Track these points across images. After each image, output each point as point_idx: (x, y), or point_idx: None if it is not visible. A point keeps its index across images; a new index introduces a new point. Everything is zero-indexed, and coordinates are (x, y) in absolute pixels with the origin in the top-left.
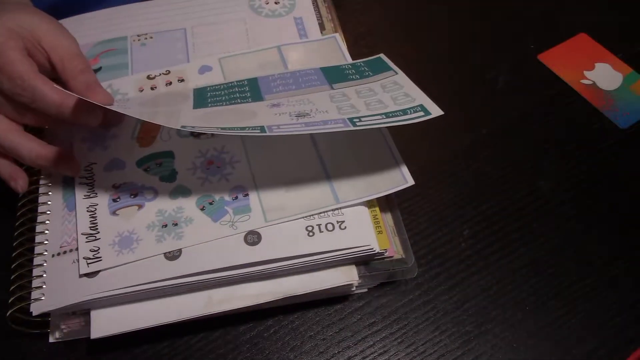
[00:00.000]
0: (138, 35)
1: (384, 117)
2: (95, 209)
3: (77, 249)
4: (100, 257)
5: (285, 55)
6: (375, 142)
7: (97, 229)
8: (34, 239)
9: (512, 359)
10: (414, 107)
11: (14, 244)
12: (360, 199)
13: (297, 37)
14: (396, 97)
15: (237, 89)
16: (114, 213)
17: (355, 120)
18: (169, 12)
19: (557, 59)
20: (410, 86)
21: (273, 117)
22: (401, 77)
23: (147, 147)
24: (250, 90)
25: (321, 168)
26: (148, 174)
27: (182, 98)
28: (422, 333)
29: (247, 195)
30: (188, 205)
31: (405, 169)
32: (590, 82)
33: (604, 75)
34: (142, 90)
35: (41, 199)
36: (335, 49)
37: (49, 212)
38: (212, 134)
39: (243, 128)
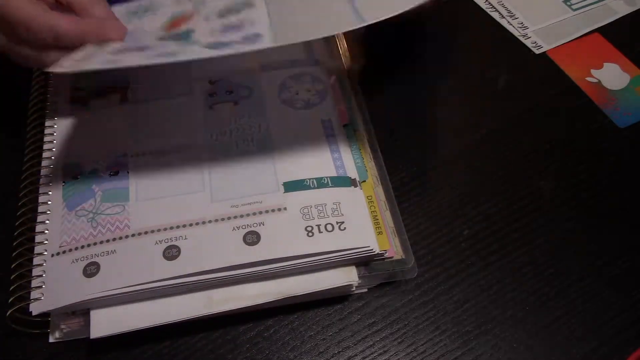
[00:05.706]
0: None
1: None
2: None
3: (76, 249)
4: None
5: None
6: None
7: None
8: (33, 239)
9: (512, 358)
10: None
11: (14, 244)
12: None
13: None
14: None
15: None
16: None
17: None
18: None
19: (565, 56)
20: None
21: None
22: None
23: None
24: None
25: None
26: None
27: None
28: (422, 333)
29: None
30: None
31: None
32: (596, 81)
33: (611, 75)
34: None
35: (41, 199)
36: None
37: (48, 212)
38: None
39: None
